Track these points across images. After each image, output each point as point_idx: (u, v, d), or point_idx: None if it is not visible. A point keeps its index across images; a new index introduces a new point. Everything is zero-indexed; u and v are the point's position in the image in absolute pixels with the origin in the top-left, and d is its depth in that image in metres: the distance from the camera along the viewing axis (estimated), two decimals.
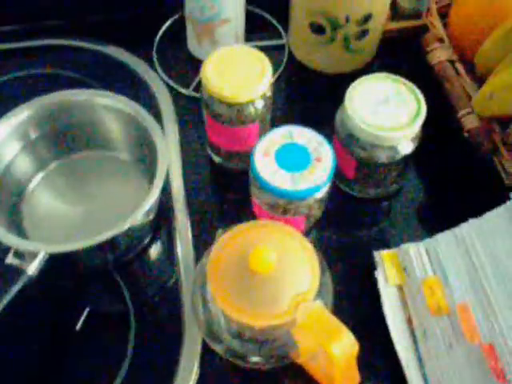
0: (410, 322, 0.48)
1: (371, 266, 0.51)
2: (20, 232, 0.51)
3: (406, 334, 0.48)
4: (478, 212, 0.49)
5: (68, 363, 0.48)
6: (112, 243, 0.48)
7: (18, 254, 0.45)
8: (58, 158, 0.56)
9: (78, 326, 0.49)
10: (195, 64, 0.65)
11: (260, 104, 0.51)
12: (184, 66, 0.66)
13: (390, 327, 0.48)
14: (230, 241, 0.43)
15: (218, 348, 0.46)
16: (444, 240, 0.49)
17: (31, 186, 0.55)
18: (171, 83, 0.65)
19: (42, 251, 0.45)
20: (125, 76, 0.65)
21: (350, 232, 0.55)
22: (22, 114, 0.51)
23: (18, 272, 0.44)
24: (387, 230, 0.55)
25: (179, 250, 0.53)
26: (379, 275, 0.50)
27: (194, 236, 0.54)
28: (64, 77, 0.64)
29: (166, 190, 0.56)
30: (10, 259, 0.44)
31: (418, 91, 0.51)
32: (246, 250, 0.41)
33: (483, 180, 0.56)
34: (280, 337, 0.44)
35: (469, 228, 0.48)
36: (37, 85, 0.63)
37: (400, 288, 0.50)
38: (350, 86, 0.51)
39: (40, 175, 0.55)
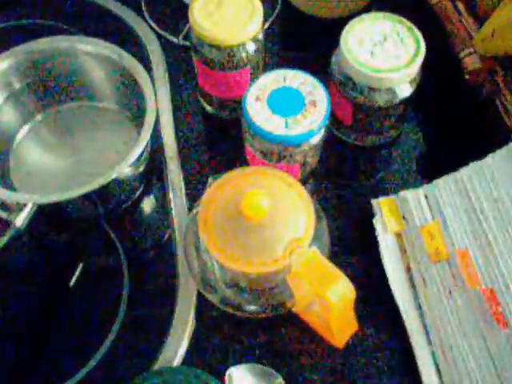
0: (408, 269, 0.47)
1: (369, 215, 0.50)
2: (7, 185, 0.50)
3: (405, 282, 0.47)
4: (479, 156, 0.48)
5: (61, 318, 0.48)
6: (102, 194, 0.47)
7: (5, 206, 0.44)
8: (45, 109, 0.54)
9: (72, 281, 0.49)
10: (185, 11, 0.62)
11: (251, 47, 0.49)
12: (174, 14, 0.64)
13: (389, 275, 0.47)
14: (221, 188, 0.42)
15: (213, 298, 0.45)
16: (443, 185, 0.48)
17: (18, 137, 0.53)
18: (161, 32, 0.62)
19: (30, 202, 0.43)
20: (112, 25, 0.63)
21: (348, 181, 0.54)
22: (4, 63, 0.50)
23: (5, 224, 0.43)
24: (386, 177, 0.54)
25: (172, 201, 0.51)
26: (377, 223, 0.49)
27: (186, 187, 0.53)
28: (49, 27, 0.62)
29: (158, 141, 0.54)
30: None
31: (416, 30, 0.48)
32: (239, 196, 0.39)
33: (485, 123, 0.54)
34: (275, 285, 0.43)
35: (469, 171, 0.47)
36: (21, 35, 0.61)
37: (398, 235, 0.49)
38: (346, 27, 0.49)
39: (26, 127, 0.54)
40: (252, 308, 0.44)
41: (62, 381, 0.44)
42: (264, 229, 0.39)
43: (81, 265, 0.49)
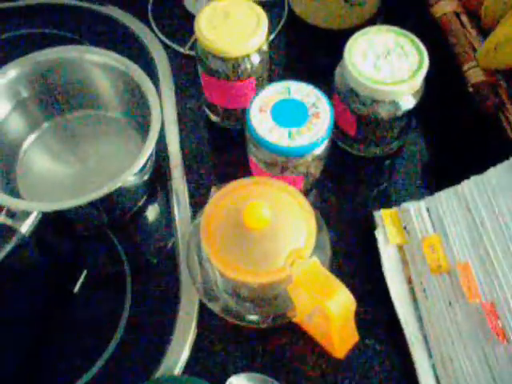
0: (409, 281, 0.47)
1: (372, 226, 0.50)
2: (14, 192, 0.50)
3: (406, 293, 0.47)
4: (481, 169, 0.48)
5: (65, 325, 0.48)
6: (106, 202, 0.47)
7: (11, 214, 0.44)
8: (52, 118, 0.55)
9: (76, 288, 0.49)
10: (192, 21, 0.63)
11: (256, 59, 0.49)
12: (180, 24, 0.65)
13: (390, 286, 0.47)
14: (224, 198, 0.42)
15: (214, 307, 0.45)
16: (445, 198, 0.48)
17: (24, 146, 0.54)
18: (167, 42, 0.63)
19: (35, 210, 0.44)
20: (119, 35, 0.64)
21: (351, 192, 0.54)
22: (12, 72, 0.50)
23: (10, 231, 0.44)
24: (388, 189, 0.54)
25: (176, 210, 0.52)
26: (379, 234, 0.49)
27: (190, 196, 0.53)
28: (58, 36, 0.63)
29: (163, 151, 0.55)
30: (3, 218, 0.44)
31: (420, 44, 0.49)
32: (241, 207, 0.40)
33: (487, 136, 0.54)
34: (276, 295, 0.43)
35: (470, 185, 0.47)
36: (30, 45, 0.62)
37: (400, 247, 0.49)
38: (350, 39, 0.49)
39: (33, 135, 0.55)
40: (253, 318, 0.44)
41: None
42: (265, 239, 0.40)
43: (85, 272, 0.50)
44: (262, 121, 0.46)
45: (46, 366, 0.46)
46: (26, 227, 0.44)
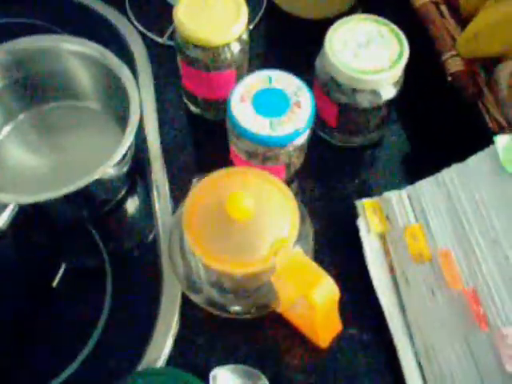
0: (392, 269, 0.48)
1: (353, 216, 0.50)
2: None
3: (388, 282, 0.47)
4: (462, 158, 0.48)
5: (45, 320, 0.47)
6: (85, 194, 0.46)
7: None
8: (27, 109, 0.54)
9: (55, 282, 0.48)
10: (170, 11, 0.62)
11: (236, 47, 0.49)
12: (158, 14, 0.64)
13: (372, 275, 0.47)
14: (206, 188, 0.42)
15: (197, 299, 0.45)
16: (426, 186, 0.48)
17: (0, 137, 0.53)
18: (145, 32, 0.62)
19: (12, 202, 0.43)
20: (96, 25, 0.62)
21: (332, 182, 0.54)
22: None
23: None
24: (370, 179, 0.54)
25: (156, 202, 0.51)
26: (361, 224, 0.49)
27: (171, 188, 0.52)
28: (32, 25, 0.61)
29: (142, 142, 0.54)
30: None
31: (400, 33, 0.49)
32: (223, 197, 0.39)
33: (467, 125, 0.54)
34: (260, 286, 0.43)
35: (451, 173, 0.47)
36: (2, 34, 0.60)
37: (382, 236, 0.49)
38: (331, 29, 0.49)
39: (9, 127, 0.53)
40: (236, 309, 0.44)
41: (45, 382, 0.44)
42: (248, 229, 0.39)
43: (63, 265, 0.49)
44: (243, 110, 0.46)
45: (26, 361, 0.45)
46: (2, 220, 0.43)
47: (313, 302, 0.37)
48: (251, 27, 0.62)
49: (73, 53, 0.50)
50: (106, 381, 0.44)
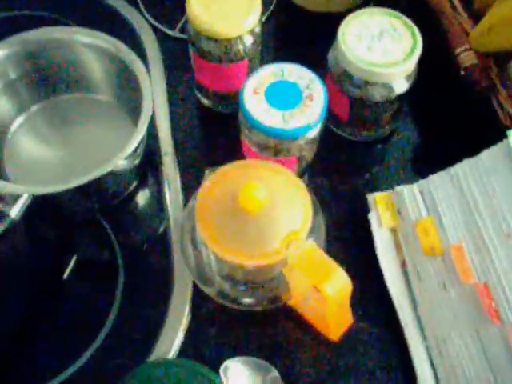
0: (403, 263, 0.48)
1: (365, 210, 0.50)
2: (1, 176, 0.49)
3: (400, 276, 0.47)
4: (474, 152, 0.48)
5: (55, 312, 0.48)
6: (97, 186, 0.46)
7: (0, 198, 0.43)
8: (40, 101, 0.54)
9: (66, 274, 0.48)
10: (182, 3, 0.62)
11: (249, 40, 0.49)
12: (170, 6, 0.64)
13: (384, 269, 0.47)
14: (218, 180, 0.42)
15: (209, 291, 0.45)
16: (438, 181, 0.48)
17: (12, 128, 0.53)
18: (156, 24, 0.62)
19: (25, 193, 0.43)
20: (108, 17, 0.62)
21: (343, 176, 0.54)
22: None
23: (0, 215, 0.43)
24: (381, 173, 0.54)
25: (167, 194, 0.51)
26: (372, 218, 0.49)
27: (182, 180, 0.52)
28: (44, 18, 0.62)
29: (153, 135, 0.54)
30: None
31: (414, 26, 0.49)
32: (236, 189, 0.39)
33: (480, 119, 0.54)
34: (272, 278, 0.43)
35: (464, 168, 0.47)
36: (15, 26, 0.60)
37: (393, 230, 0.49)
38: (344, 21, 0.49)
39: (21, 118, 0.53)
40: (248, 301, 0.44)
41: (56, 373, 0.44)
42: (261, 221, 0.39)
43: (74, 257, 0.49)
44: (255, 103, 0.45)
45: (37, 352, 0.46)
46: (15, 211, 0.43)
47: (325, 294, 0.37)
48: (263, 20, 0.62)
49: (86, 45, 0.51)
50: (116, 373, 0.44)
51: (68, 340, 0.46)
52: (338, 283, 0.38)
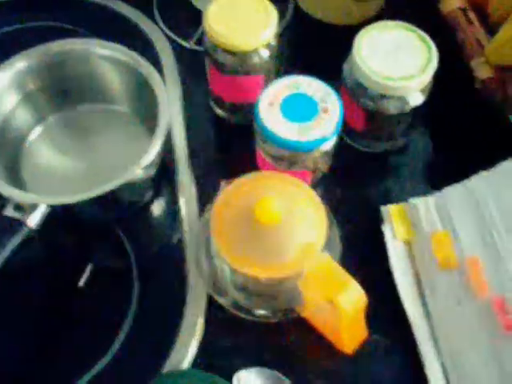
0: (417, 276, 0.47)
1: (379, 222, 0.50)
2: (19, 185, 0.50)
3: (414, 289, 0.47)
4: (489, 165, 0.48)
5: (70, 319, 0.48)
6: (113, 197, 0.47)
7: (18, 207, 0.44)
8: (58, 111, 0.54)
9: (81, 282, 0.49)
10: (197, 15, 0.63)
11: (265, 53, 0.49)
12: (186, 18, 0.64)
13: (398, 282, 0.47)
14: (234, 192, 0.42)
15: (223, 301, 0.45)
16: (454, 193, 0.48)
17: (30, 138, 0.53)
18: (172, 36, 0.62)
19: (43, 203, 0.44)
20: (124, 29, 0.63)
21: (357, 187, 0.54)
22: (19, 64, 0.50)
23: (18, 224, 0.43)
24: (395, 185, 0.54)
25: (183, 205, 0.51)
26: (386, 230, 0.49)
27: (197, 191, 0.53)
28: (62, 29, 0.62)
29: (169, 146, 0.54)
30: (10, 211, 0.44)
31: (429, 40, 0.49)
32: (252, 201, 0.39)
33: (495, 132, 0.54)
34: (286, 290, 0.43)
35: (479, 181, 0.47)
36: (34, 38, 0.61)
37: (408, 243, 0.49)
38: (359, 34, 0.49)
39: (39, 128, 0.54)
40: (262, 312, 0.44)
41: (70, 382, 0.44)
42: (277, 234, 0.39)
43: (90, 266, 0.49)
44: (271, 115, 0.46)
45: (52, 360, 0.46)
46: (33, 221, 0.44)
47: (340, 307, 0.38)
48: (277, 31, 0.62)
49: (104, 57, 0.51)
50: (130, 383, 0.44)
51: (82, 348, 0.46)
52: (353, 297, 0.38)
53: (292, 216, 0.40)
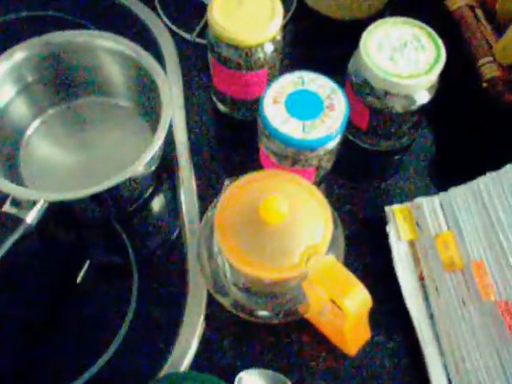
0: (421, 277, 0.47)
1: (383, 221, 0.49)
2: (17, 180, 0.49)
3: (418, 290, 0.46)
4: (495, 166, 0.47)
5: (69, 318, 0.47)
6: (113, 193, 0.46)
7: (16, 203, 0.43)
8: (57, 104, 0.53)
9: (79, 278, 0.48)
10: (199, 8, 0.62)
11: (269, 48, 0.48)
12: (187, 11, 0.63)
13: (401, 283, 0.47)
14: (238, 191, 0.41)
15: (224, 301, 0.44)
16: (460, 194, 0.47)
17: (29, 132, 0.53)
18: (174, 29, 0.61)
19: (41, 199, 0.43)
20: (126, 21, 0.62)
21: (361, 186, 0.53)
22: (18, 55, 0.49)
23: (16, 220, 0.42)
24: (400, 184, 0.53)
25: (183, 201, 0.51)
26: (391, 230, 0.49)
27: (198, 188, 0.52)
28: (62, 20, 0.61)
29: (170, 141, 0.53)
30: (8, 207, 0.43)
31: (437, 37, 0.48)
32: (256, 200, 0.39)
33: (503, 132, 0.53)
34: (289, 291, 0.43)
35: (486, 181, 0.46)
36: (35, 28, 0.60)
37: (412, 243, 0.48)
38: (366, 31, 0.48)
39: (38, 121, 0.53)
40: (264, 313, 0.44)
41: (69, 379, 0.44)
42: (281, 234, 0.39)
43: (89, 263, 0.48)
44: (275, 112, 0.45)
45: (50, 359, 0.45)
46: (31, 217, 0.43)
47: (345, 309, 0.37)
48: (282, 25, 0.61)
49: (105, 49, 0.50)
50: (129, 383, 0.44)
51: (81, 347, 0.46)
52: (358, 298, 0.37)
53: (297, 216, 0.39)
